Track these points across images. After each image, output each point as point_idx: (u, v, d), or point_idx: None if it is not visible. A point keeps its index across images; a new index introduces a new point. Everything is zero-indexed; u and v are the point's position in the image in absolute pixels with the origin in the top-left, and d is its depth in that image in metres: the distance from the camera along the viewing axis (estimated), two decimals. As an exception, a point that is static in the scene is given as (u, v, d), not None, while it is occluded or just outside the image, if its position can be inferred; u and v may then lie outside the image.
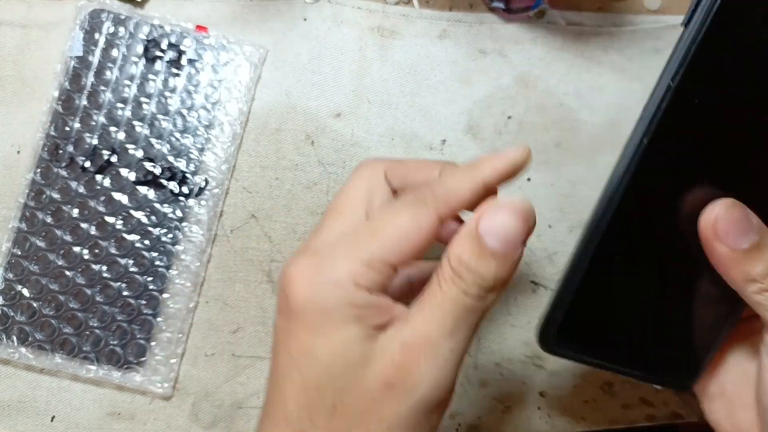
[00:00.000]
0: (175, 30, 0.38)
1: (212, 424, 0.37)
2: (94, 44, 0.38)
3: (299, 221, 0.39)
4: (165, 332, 0.37)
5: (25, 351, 0.36)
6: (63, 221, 0.37)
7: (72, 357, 0.36)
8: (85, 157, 0.37)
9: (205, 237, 0.38)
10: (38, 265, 0.37)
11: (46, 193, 0.37)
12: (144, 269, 0.37)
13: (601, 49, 0.41)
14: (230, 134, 0.38)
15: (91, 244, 0.37)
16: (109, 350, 0.37)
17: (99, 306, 0.37)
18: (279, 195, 0.39)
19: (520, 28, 0.40)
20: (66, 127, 0.37)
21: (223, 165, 0.38)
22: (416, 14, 0.40)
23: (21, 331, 0.36)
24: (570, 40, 0.40)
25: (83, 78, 0.38)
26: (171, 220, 0.37)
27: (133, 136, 0.38)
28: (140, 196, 0.37)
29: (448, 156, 0.39)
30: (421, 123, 0.39)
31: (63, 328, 0.37)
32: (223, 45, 0.39)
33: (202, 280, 0.38)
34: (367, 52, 0.40)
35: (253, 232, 0.38)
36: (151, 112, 0.38)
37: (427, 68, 0.40)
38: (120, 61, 0.38)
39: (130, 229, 0.37)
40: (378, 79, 0.39)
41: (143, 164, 0.38)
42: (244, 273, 0.38)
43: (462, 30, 0.40)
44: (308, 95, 0.39)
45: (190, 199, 0.38)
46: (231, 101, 0.38)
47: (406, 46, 0.40)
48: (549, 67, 0.40)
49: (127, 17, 0.38)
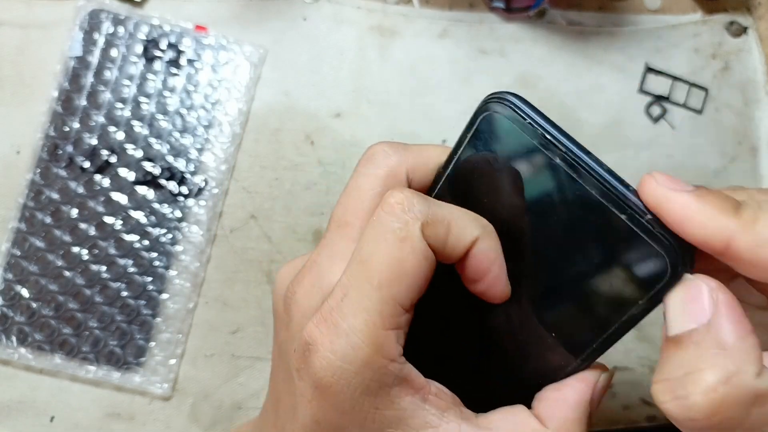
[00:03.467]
0: (174, 30, 0.38)
1: (211, 424, 0.37)
2: (93, 44, 0.38)
3: (299, 221, 0.38)
4: (164, 333, 0.37)
5: (25, 351, 0.36)
6: (62, 221, 0.37)
7: (71, 357, 0.36)
8: (84, 158, 0.37)
9: (205, 237, 0.38)
10: (37, 266, 0.37)
11: (46, 193, 0.37)
12: (143, 269, 0.37)
13: (601, 49, 0.40)
14: (230, 134, 0.38)
15: (91, 244, 0.37)
16: (109, 351, 0.37)
17: (98, 306, 0.37)
18: (279, 195, 0.39)
19: (520, 28, 0.40)
20: (65, 128, 0.37)
21: (222, 165, 0.38)
22: (416, 14, 0.40)
23: (20, 331, 0.36)
24: (570, 40, 0.40)
25: (82, 78, 0.38)
26: (170, 221, 0.37)
27: (133, 136, 0.38)
28: (139, 197, 0.37)
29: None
30: (422, 123, 0.39)
31: (62, 328, 0.37)
32: (222, 45, 0.38)
33: (201, 281, 0.38)
34: (367, 52, 0.40)
35: (252, 232, 0.38)
36: (151, 112, 0.38)
37: (427, 68, 0.40)
38: (119, 61, 0.38)
39: (130, 229, 0.37)
40: (378, 79, 0.39)
41: (142, 164, 0.38)
42: (243, 273, 0.38)
43: (462, 29, 0.40)
44: (308, 95, 0.39)
45: (189, 200, 0.38)
46: (230, 101, 0.38)
47: (406, 46, 0.40)
48: (549, 67, 0.40)
49: (126, 17, 0.38)
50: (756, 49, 0.42)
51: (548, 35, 0.40)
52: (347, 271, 0.20)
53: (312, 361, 0.20)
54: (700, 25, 0.42)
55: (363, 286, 0.20)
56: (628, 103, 0.40)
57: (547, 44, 0.40)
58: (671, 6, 0.41)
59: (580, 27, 0.40)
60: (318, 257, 0.23)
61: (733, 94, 0.41)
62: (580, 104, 0.40)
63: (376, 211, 0.21)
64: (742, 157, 0.41)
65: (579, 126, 0.40)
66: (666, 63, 0.41)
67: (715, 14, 0.42)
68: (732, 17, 0.42)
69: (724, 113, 0.41)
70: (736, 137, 0.41)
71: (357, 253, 0.20)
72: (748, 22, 0.42)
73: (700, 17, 0.42)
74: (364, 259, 0.20)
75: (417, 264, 0.20)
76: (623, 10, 0.41)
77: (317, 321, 0.20)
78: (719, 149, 0.41)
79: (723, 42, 0.42)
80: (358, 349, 0.19)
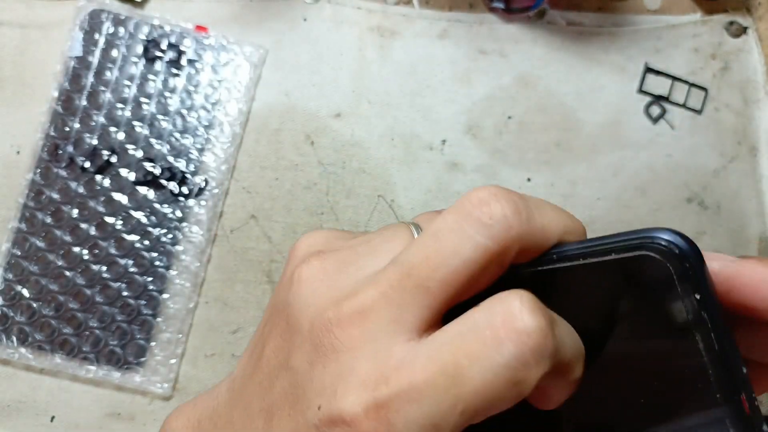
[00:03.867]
0: (174, 30, 0.38)
1: (212, 424, 0.37)
2: (93, 44, 0.38)
3: (299, 221, 0.38)
4: (165, 333, 0.37)
5: (25, 351, 0.36)
6: (63, 222, 0.37)
7: (72, 357, 0.36)
8: (84, 158, 0.37)
9: (205, 237, 0.38)
10: (38, 266, 0.37)
11: (46, 193, 0.37)
12: (144, 269, 0.37)
13: (601, 49, 0.40)
14: (230, 134, 0.38)
15: (91, 244, 0.37)
16: (109, 350, 0.37)
17: (99, 306, 0.37)
18: (279, 195, 0.39)
19: (520, 28, 0.40)
20: (66, 128, 0.37)
21: (222, 165, 0.38)
22: (416, 14, 0.40)
23: (21, 331, 0.36)
24: (570, 40, 0.40)
25: (83, 78, 0.38)
26: (171, 221, 0.37)
27: (133, 137, 0.38)
28: (140, 197, 0.37)
29: (449, 156, 0.39)
30: (422, 123, 0.39)
31: (63, 328, 0.37)
32: (222, 45, 0.38)
33: (201, 281, 0.38)
34: (367, 52, 0.40)
35: (252, 232, 0.38)
36: (151, 113, 0.38)
37: (427, 68, 0.40)
38: (120, 62, 0.38)
39: (130, 229, 0.37)
40: (378, 79, 0.39)
41: (143, 164, 0.38)
42: (243, 273, 0.38)
43: (462, 30, 0.40)
44: (308, 95, 0.39)
45: (189, 200, 0.38)
46: (231, 101, 0.38)
47: (406, 46, 0.40)
48: (549, 67, 0.40)
49: (126, 17, 0.38)
50: (756, 49, 0.42)
51: (548, 36, 0.40)
52: (428, 369, 0.16)
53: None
54: (699, 25, 0.42)
55: (443, 397, 0.16)
56: (628, 103, 0.40)
57: (546, 45, 0.40)
58: (671, 6, 0.41)
59: (580, 27, 0.40)
60: (374, 304, 0.18)
61: (732, 94, 0.41)
62: (580, 104, 0.40)
63: (491, 323, 0.16)
64: (742, 157, 0.41)
65: (579, 126, 0.40)
66: (666, 63, 0.41)
67: (715, 14, 0.42)
68: (732, 17, 0.42)
69: (723, 113, 0.41)
70: (736, 137, 0.41)
71: (444, 362, 0.16)
72: (748, 22, 0.42)
73: (700, 17, 0.42)
74: (453, 374, 0.16)
75: (511, 401, 0.16)
76: (623, 10, 0.41)
77: (367, 406, 0.16)
78: (719, 149, 0.41)
79: (723, 42, 0.42)
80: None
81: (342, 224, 0.39)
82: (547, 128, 0.40)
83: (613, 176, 0.40)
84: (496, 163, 0.39)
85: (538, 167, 0.39)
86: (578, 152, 0.40)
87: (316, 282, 0.19)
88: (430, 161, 0.39)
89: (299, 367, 0.19)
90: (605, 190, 0.40)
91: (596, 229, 0.39)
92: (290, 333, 0.19)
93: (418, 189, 0.39)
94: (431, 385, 0.16)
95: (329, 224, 0.38)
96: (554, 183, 0.40)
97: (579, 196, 0.40)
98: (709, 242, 0.39)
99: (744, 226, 0.40)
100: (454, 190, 0.39)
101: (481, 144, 0.39)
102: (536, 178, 0.39)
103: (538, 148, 0.39)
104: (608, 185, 0.40)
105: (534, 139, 0.40)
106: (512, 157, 0.40)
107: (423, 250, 0.18)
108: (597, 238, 0.18)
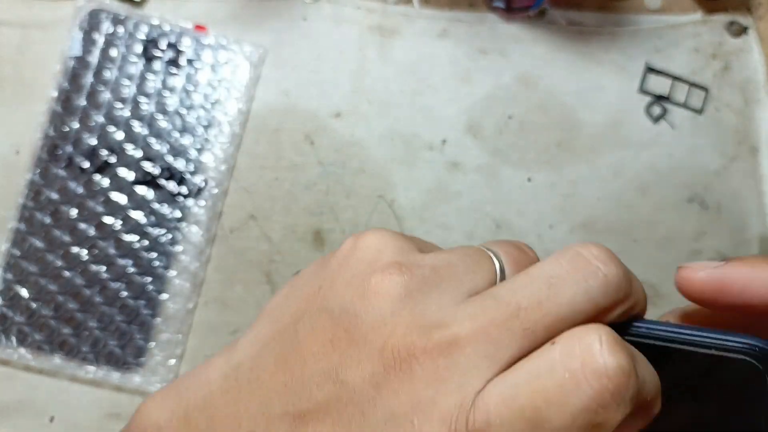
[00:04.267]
0: (174, 30, 0.38)
1: (211, 425, 0.37)
2: (93, 44, 0.38)
3: (299, 221, 0.38)
4: (164, 333, 0.37)
5: (24, 351, 0.36)
6: (62, 222, 0.37)
7: (71, 357, 0.36)
8: (83, 158, 0.37)
9: (204, 237, 0.37)
10: (37, 266, 0.37)
11: (45, 193, 0.37)
12: (143, 270, 0.37)
13: (601, 49, 0.40)
14: (229, 134, 0.38)
15: (90, 244, 0.37)
16: (108, 351, 0.37)
17: (98, 306, 0.37)
18: (278, 195, 0.38)
19: (520, 28, 0.40)
20: (65, 128, 0.37)
21: (222, 165, 0.38)
22: (416, 13, 0.40)
23: (20, 331, 0.36)
24: (571, 40, 0.40)
25: (82, 78, 0.38)
26: (170, 221, 0.37)
27: (132, 136, 0.38)
28: (139, 197, 0.37)
29: (449, 156, 0.39)
30: (422, 123, 0.39)
31: (62, 328, 0.36)
32: (222, 44, 0.38)
33: (201, 281, 0.38)
34: (367, 52, 0.40)
35: (252, 232, 0.38)
36: (150, 112, 0.38)
37: (427, 68, 0.40)
38: (119, 61, 0.38)
39: (129, 229, 0.37)
40: (378, 78, 0.39)
41: (142, 164, 0.38)
42: (243, 274, 0.38)
43: (462, 29, 0.40)
44: (308, 95, 0.39)
45: (189, 200, 0.38)
46: (230, 101, 0.38)
47: (406, 46, 0.40)
48: (550, 67, 0.40)
49: (126, 17, 0.38)
50: (756, 49, 0.42)
51: (548, 35, 0.40)
52: (506, 412, 0.16)
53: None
54: (700, 25, 0.42)
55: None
56: (628, 103, 0.40)
57: (547, 44, 0.40)
58: (671, 6, 0.41)
59: (581, 27, 0.40)
60: (470, 339, 0.17)
61: (733, 94, 0.41)
62: (580, 104, 0.40)
63: (569, 364, 0.16)
64: (743, 156, 0.41)
65: (579, 126, 0.40)
66: (666, 63, 0.41)
67: (716, 14, 0.42)
68: (732, 17, 0.42)
69: (724, 113, 0.41)
70: (737, 137, 0.41)
71: (521, 406, 0.16)
72: (749, 22, 0.42)
73: (701, 17, 0.42)
74: (530, 417, 0.16)
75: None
76: (623, 10, 0.41)
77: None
78: (719, 149, 0.41)
79: (723, 42, 0.42)
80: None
81: (342, 224, 0.38)
82: (548, 128, 0.40)
83: (614, 176, 0.40)
84: (496, 163, 0.39)
85: (539, 167, 0.39)
86: (579, 152, 0.40)
87: (396, 300, 0.18)
88: (431, 161, 0.39)
89: (355, 383, 0.18)
90: (606, 190, 0.39)
91: (597, 229, 0.39)
92: (348, 344, 0.18)
93: (418, 189, 0.39)
94: (509, 429, 0.16)
95: (329, 224, 0.38)
96: (555, 183, 0.39)
97: (579, 196, 0.39)
98: (709, 242, 0.39)
99: (745, 226, 0.40)
100: (454, 190, 0.39)
101: (481, 144, 0.39)
102: (537, 177, 0.39)
103: (538, 147, 0.39)
104: (609, 185, 0.40)
105: (534, 138, 0.40)
106: (513, 156, 0.40)
107: (536, 295, 0.17)
108: (685, 326, 0.19)
